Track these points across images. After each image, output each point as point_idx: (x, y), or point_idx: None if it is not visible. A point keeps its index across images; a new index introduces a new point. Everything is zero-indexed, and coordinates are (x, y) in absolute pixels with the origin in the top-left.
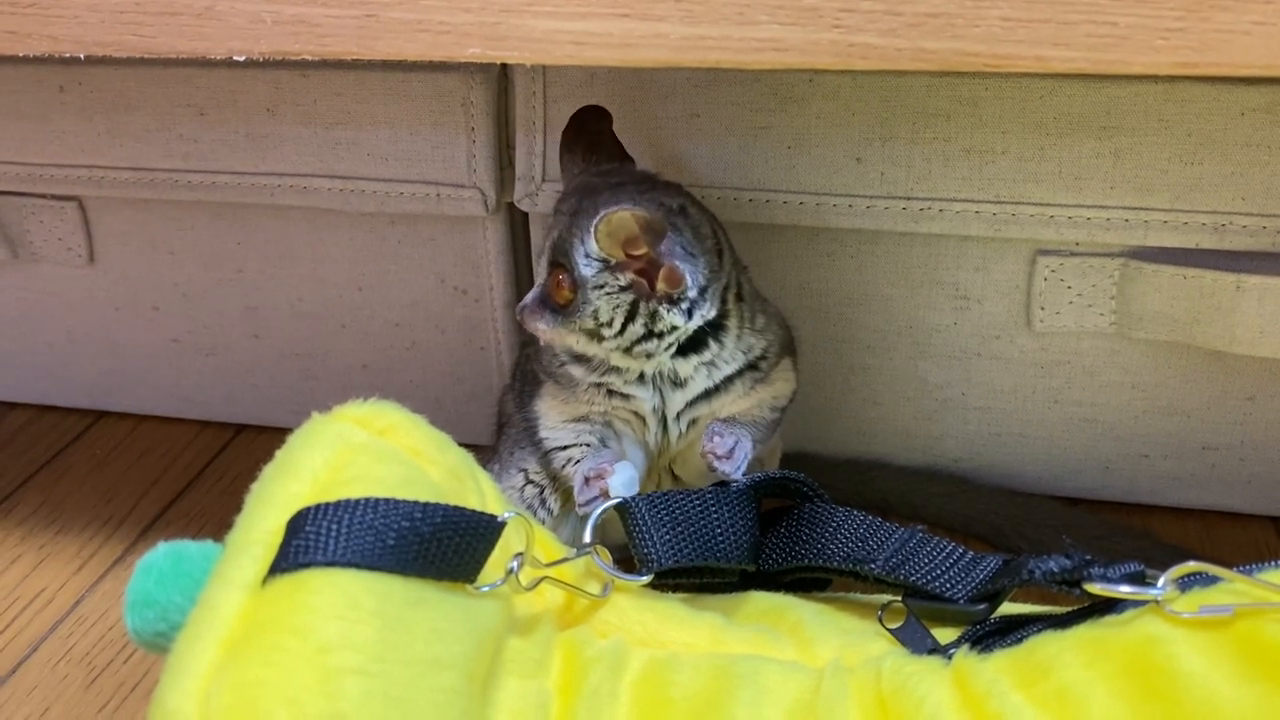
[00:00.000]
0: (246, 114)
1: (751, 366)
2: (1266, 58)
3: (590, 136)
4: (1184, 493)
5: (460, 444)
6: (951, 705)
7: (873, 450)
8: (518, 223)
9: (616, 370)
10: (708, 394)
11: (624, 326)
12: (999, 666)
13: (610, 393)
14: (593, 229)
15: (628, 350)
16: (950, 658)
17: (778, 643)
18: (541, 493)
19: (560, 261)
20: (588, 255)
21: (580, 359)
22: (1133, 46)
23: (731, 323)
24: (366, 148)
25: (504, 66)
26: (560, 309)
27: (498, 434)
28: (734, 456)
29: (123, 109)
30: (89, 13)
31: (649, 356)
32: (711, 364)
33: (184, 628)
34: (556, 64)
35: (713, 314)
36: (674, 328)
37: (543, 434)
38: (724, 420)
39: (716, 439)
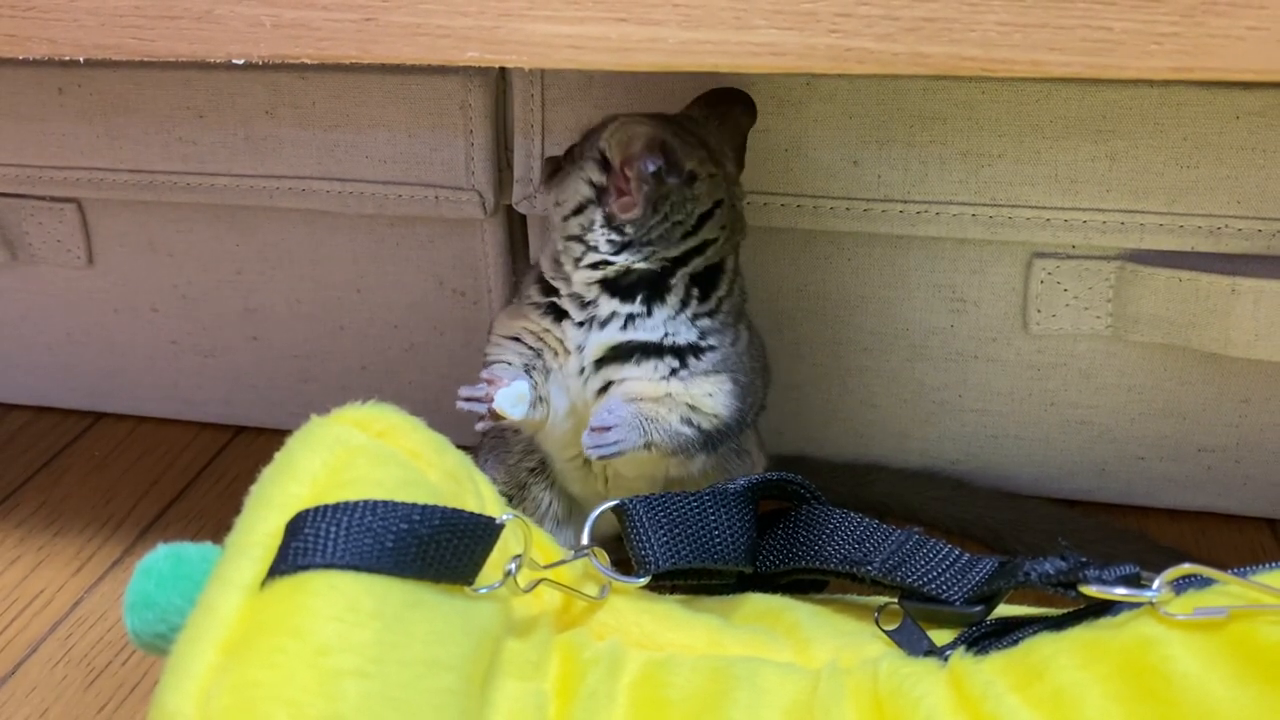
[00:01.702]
0: (245, 116)
1: (673, 351)
2: (1261, 62)
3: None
4: (1179, 495)
5: (458, 446)
6: (948, 706)
7: (870, 452)
8: (515, 225)
9: (566, 279)
10: (619, 356)
11: (571, 214)
12: (995, 668)
13: (549, 311)
14: (609, 132)
15: (567, 239)
16: (946, 659)
17: (775, 644)
18: (509, 502)
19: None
20: (595, 147)
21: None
22: (1128, 51)
23: (672, 300)
24: (365, 150)
25: (502, 70)
26: (552, 177)
27: None
28: (605, 437)
29: (121, 111)
30: (88, 16)
31: (575, 262)
32: (630, 318)
33: (183, 629)
34: (554, 67)
35: (641, 267)
36: (596, 247)
37: (486, 350)
38: (629, 400)
39: (604, 412)
